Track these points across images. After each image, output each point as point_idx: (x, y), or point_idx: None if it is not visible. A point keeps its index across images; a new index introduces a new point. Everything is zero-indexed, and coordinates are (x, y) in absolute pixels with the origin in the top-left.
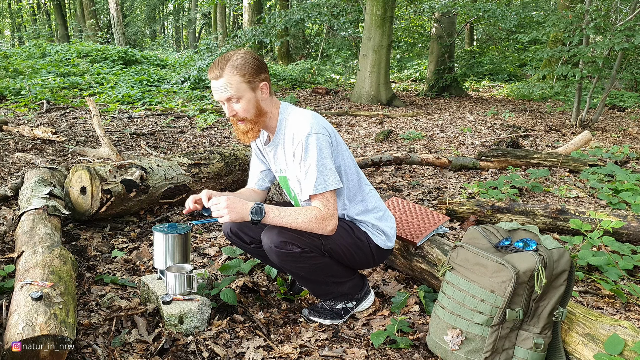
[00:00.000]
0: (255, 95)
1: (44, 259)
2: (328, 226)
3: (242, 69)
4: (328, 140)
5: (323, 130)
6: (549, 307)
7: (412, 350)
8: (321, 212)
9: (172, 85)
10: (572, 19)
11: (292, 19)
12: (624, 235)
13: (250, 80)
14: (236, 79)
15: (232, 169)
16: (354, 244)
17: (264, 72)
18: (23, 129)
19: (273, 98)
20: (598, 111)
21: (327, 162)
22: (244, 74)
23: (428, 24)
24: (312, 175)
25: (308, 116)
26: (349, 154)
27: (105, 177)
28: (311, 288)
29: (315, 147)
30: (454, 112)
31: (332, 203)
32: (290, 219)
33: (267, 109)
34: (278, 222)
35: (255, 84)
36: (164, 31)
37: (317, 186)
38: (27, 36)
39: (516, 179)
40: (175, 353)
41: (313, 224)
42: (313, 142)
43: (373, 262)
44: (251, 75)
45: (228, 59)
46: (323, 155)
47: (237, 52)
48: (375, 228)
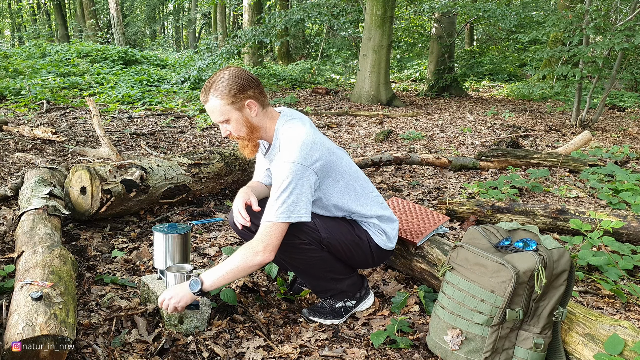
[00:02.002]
0: (243, 114)
1: (44, 259)
2: (258, 252)
3: (224, 92)
4: (307, 170)
5: (304, 159)
6: (549, 307)
7: (412, 350)
8: (251, 244)
9: (172, 85)
10: (572, 19)
11: (292, 19)
12: (624, 235)
13: (233, 102)
14: (219, 102)
15: (232, 169)
16: (353, 242)
17: (249, 89)
18: (23, 129)
19: (268, 111)
20: (598, 111)
21: (289, 193)
22: (225, 96)
23: (428, 24)
24: (272, 202)
25: (298, 140)
26: (349, 165)
27: (105, 177)
28: (310, 283)
29: (287, 176)
30: (454, 112)
31: (270, 232)
32: (224, 270)
33: (260, 124)
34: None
35: (240, 104)
36: (164, 31)
37: (268, 214)
38: (27, 36)
39: (516, 179)
40: (175, 353)
41: (244, 260)
42: (288, 170)
43: (372, 262)
44: (233, 97)
45: (212, 82)
46: (288, 186)
47: (222, 74)
48: (376, 228)
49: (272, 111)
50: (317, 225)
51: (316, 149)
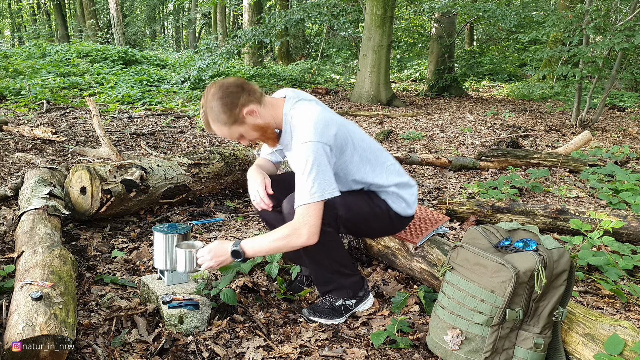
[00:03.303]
0: (247, 124)
1: (44, 259)
2: (302, 234)
3: (218, 117)
4: (325, 146)
5: (321, 136)
6: (549, 307)
7: (412, 350)
8: (294, 224)
9: (172, 85)
10: (572, 19)
11: (292, 19)
12: (624, 235)
13: (234, 120)
14: (220, 127)
15: (232, 169)
16: (372, 213)
17: (239, 100)
18: (23, 129)
19: (268, 103)
20: (598, 111)
21: (318, 171)
22: (225, 121)
23: (428, 24)
24: (300, 186)
25: (310, 119)
26: (362, 138)
27: (105, 177)
28: (315, 272)
29: (308, 156)
30: (454, 112)
31: (308, 215)
32: (266, 243)
33: (267, 121)
34: (257, 251)
35: (240, 118)
36: (164, 31)
37: (300, 198)
38: (27, 36)
39: (516, 179)
40: (175, 353)
41: (287, 238)
42: (307, 151)
43: (393, 229)
44: (230, 117)
45: (205, 112)
46: (313, 165)
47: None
48: (395, 196)
49: (273, 100)
50: (335, 202)
51: (330, 126)
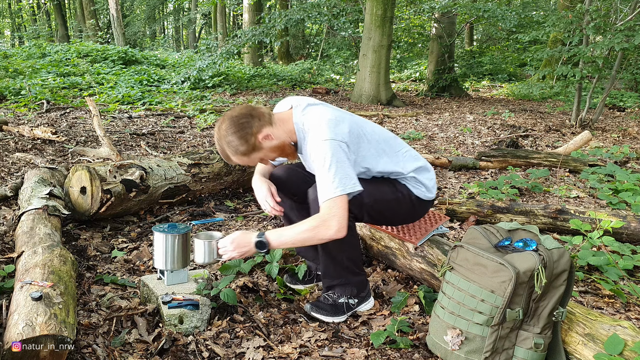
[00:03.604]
0: (264, 148)
1: (44, 259)
2: (331, 226)
3: (237, 150)
4: (342, 143)
5: (335, 133)
6: (549, 307)
7: (412, 350)
8: (322, 216)
9: (172, 85)
10: (572, 19)
11: (292, 19)
12: (624, 235)
13: (252, 149)
14: (240, 158)
15: (232, 169)
16: (395, 200)
17: (251, 128)
18: (23, 129)
19: (277, 120)
20: (598, 111)
21: (338, 166)
22: (243, 152)
23: (428, 24)
24: (323, 181)
25: (323, 119)
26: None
27: (105, 177)
28: (325, 265)
29: (327, 153)
30: (454, 112)
31: (335, 207)
32: (292, 234)
33: (282, 140)
34: (282, 242)
35: (256, 145)
36: (164, 31)
37: (325, 193)
38: (27, 36)
39: (516, 179)
40: (175, 353)
41: (314, 230)
42: (324, 148)
43: (415, 215)
44: (248, 147)
45: (222, 147)
46: (334, 159)
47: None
48: (414, 181)
49: (281, 115)
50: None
51: (341, 123)
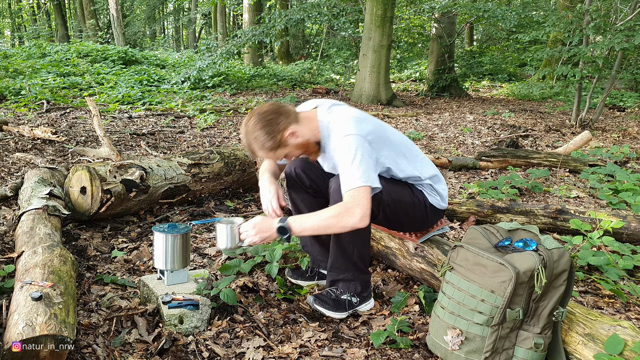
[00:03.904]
0: (289, 145)
1: (44, 259)
2: (355, 213)
3: (264, 145)
4: (365, 140)
5: (360, 130)
6: (549, 307)
7: (412, 350)
8: (346, 204)
9: (172, 85)
10: (572, 19)
11: (292, 19)
12: (624, 235)
13: (277, 146)
14: (266, 153)
15: (232, 169)
16: (412, 203)
17: (279, 124)
18: (23, 129)
19: (303, 119)
20: (598, 111)
21: (362, 159)
22: (270, 147)
23: (428, 24)
24: (347, 172)
25: (348, 117)
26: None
27: (105, 177)
28: (334, 256)
29: (351, 146)
30: (454, 112)
31: (360, 196)
32: (315, 220)
33: (307, 138)
34: (304, 228)
35: (282, 142)
36: (164, 31)
37: (350, 182)
38: (27, 36)
39: (516, 179)
40: (175, 353)
41: (338, 217)
42: (349, 142)
43: (427, 223)
44: (274, 143)
45: (249, 141)
46: (359, 152)
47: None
48: (430, 188)
49: (306, 113)
50: (381, 186)
51: (366, 122)
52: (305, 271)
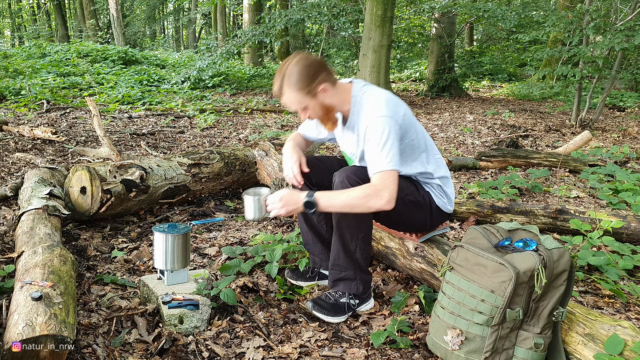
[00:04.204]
0: (318, 99)
1: (44, 259)
2: (383, 196)
3: (297, 84)
4: (397, 123)
5: (393, 113)
6: (549, 307)
7: (412, 350)
8: (375, 185)
9: (172, 85)
10: (572, 19)
11: (292, 19)
12: (624, 235)
13: (308, 91)
14: (294, 94)
15: (232, 169)
16: (417, 202)
17: (319, 75)
18: (23, 129)
19: (339, 86)
20: (598, 111)
21: (393, 143)
22: (300, 88)
23: (428, 24)
24: (377, 154)
25: (381, 98)
26: (420, 126)
27: (105, 177)
28: (336, 254)
29: (384, 129)
30: (454, 112)
31: (389, 180)
32: (342, 198)
33: (334, 103)
34: (331, 204)
35: (314, 90)
36: (164, 31)
37: (378, 165)
38: (27, 36)
39: (516, 179)
40: (175, 353)
41: (367, 197)
42: (382, 123)
43: (430, 224)
44: (307, 86)
45: (283, 75)
46: (390, 136)
47: (291, 63)
48: (439, 189)
49: (343, 84)
50: None
51: (399, 106)
52: (306, 272)
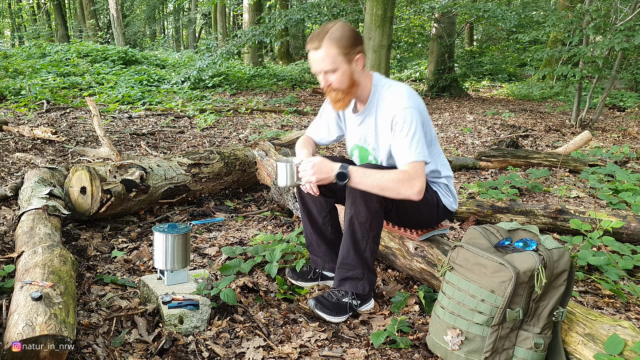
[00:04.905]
0: (351, 67)
1: (44, 259)
2: (415, 185)
3: (340, 41)
4: (421, 116)
5: (417, 104)
6: (549, 307)
7: (412, 350)
8: (409, 173)
9: (172, 85)
10: (572, 19)
11: (292, 19)
12: (624, 235)
13: (347, 53)
14: (334, 51)
15: (232, 169)
16: (424, 201)
17: (360, 44)
18: (23, 129)
19: (366, 70)
20: (598, 111)
21: (420, 134)
22: (341, 46)
23: (428, 24)
24: (407, 145)
25: (404, 90)
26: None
27: (105, 177)
28: (345, 251)
29: (412, 120)
30: (454, 112)
31: (420, 170)
32: (376, 177)
33: (360, 81)
34: (363, 181)
35: (352, 56)
36: (164, 31)
37: (409, 156)
38: (27, 36)
39: (516, 179)
40: (175, 353)
41: (400, 182)
42: (410, 115)
43: (435, 221)
44: (348, 48)
45: (327, 30)
46: (418, 128)
47: (336, 24)
48: (446, 188)
49: (369, 72)
50: None
51: (420, 99)
52: (307, 272)
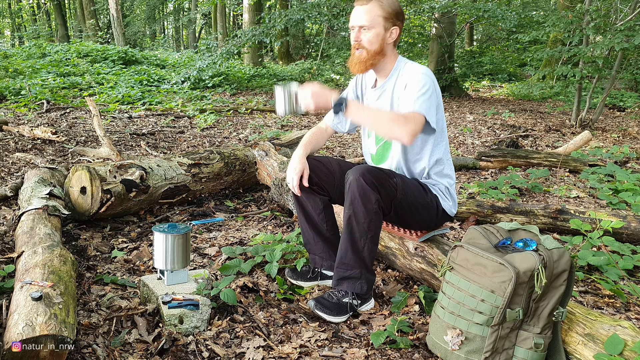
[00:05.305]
0: (385, 33)
1: (44, 259)
2: (408, 127)
3: (387, 7)
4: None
5: (434, 80)
6: (549, 307)
7: (412, 350)
8: (405, 116)
9: (172, 85)
10: (572, 19)
11: (292, 19)
12: (624, 235)
13: (387, 18)
14: (378, 11)
15: (232, 169)
16: (424, 205)
17: (401, 20)
18: (23, 129)
19: (395, 49)
20: (598, 111)
21: (430, 96)
22: (386, 10)
23: (428, 24)
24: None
25: (424, 67)
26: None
27: (105, 177)
28: (343, 250)
29: (425, 83)
30: (454, 112)
31: (417, 119)
32: (372, 112)
33: (387, 52)
34: (359, 113)
35: (390, 24)
36: (164, 31)
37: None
38: (27, 36)
39: (516, 179)
40: (175, 353)
41: (394, 122)
42: (425, 79)
43: (434, 224)
44: (391, 16)
45: None
46: (429, 91)
47: None
48: (446, 192)
49: (396, 51)
50: (397, 184)
51: (436, 80)
52: (307, 272)
